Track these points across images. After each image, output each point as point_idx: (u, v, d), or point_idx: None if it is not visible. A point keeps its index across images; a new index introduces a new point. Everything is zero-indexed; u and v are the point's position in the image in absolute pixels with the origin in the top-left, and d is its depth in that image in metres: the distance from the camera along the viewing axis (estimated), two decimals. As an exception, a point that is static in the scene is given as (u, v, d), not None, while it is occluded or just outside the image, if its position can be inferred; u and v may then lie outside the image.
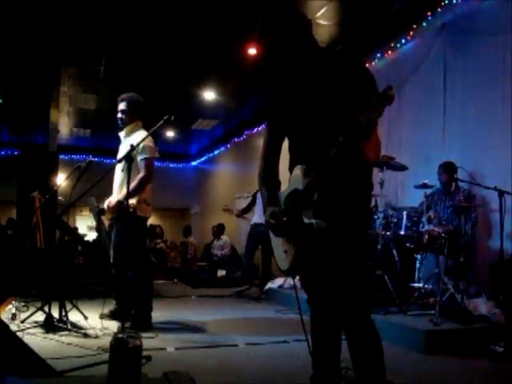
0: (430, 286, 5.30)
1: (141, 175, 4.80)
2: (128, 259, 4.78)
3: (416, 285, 5.55)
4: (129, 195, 3.98)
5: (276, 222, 2.37)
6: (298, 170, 2.33)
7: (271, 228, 2.44)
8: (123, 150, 4.96)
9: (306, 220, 2.22)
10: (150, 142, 4.95)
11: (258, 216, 7.86)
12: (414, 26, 6.84)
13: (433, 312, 4.59)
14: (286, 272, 2.46)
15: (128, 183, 3.86)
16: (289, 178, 2.45)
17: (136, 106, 5.12)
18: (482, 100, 5.87)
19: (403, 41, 7.06)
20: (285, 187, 2.49)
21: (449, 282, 4.94)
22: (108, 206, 4.95)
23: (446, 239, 4.98)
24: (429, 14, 6.55)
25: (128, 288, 4.87)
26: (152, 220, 12.70)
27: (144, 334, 4.37)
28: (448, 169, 5.63)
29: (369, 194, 2.47)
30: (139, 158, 4.84)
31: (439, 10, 6.42)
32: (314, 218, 2.20)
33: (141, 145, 4.73)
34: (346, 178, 2.25)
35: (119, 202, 4.77)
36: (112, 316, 5.11)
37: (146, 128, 4.98)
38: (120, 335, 2.20)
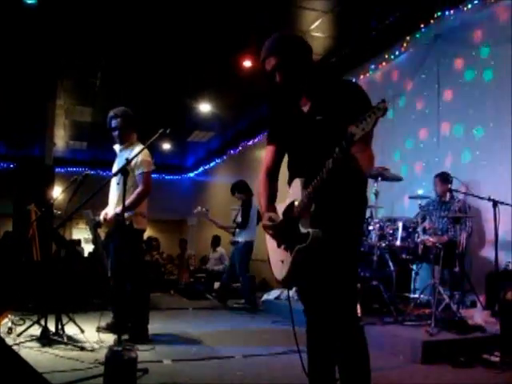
0: (426, 297, 5.31)
1: (139, 189, 4.81)
2: (125, 272, 4.78)
3: (412, 295, 5.56)
4: (125, 209, 3.99)
5: (272, 224, 2.46)
6: (297, 182, 2.41)
7: (268, 230, 2.51)
8: (119, 163, 4.97)
9: (302, 229, 2.28)
10: (146, 156, 4.96)
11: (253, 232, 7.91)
12: (408, 38, 6.91)
13: (429, 322, 4.60)
14: (282, 281, 2.50)
15: (123, 196, 3.88)
16: (288, 191, 2.53)
17: (129, 120, 5.13)
18: (475, 110, 5.91)
19: (397, 52, 7.13)
20: (281, 202, 2.56)
21: (444, 292, 4.95)
22: (105, 219, 4.96)
23: (441, 249, 4.99)
24: (422, 25, 6.63)
25: (125, 300, 4.86)
26: (148, 232, 12.70)
27: (140, 347, 4.37)
28: (443, 179, 5.67)
29: (363, 205, 2.54)
30: (137, 172, 4.85)
31: (432, 21, 6.50)
32: (311, 227, 2.25)
33: (138, 159, 4.75)
34: (342, 188, 2.32)
35: (116, 215, 4.78)
36: (109, 329, 5.10)
37: (141, 140, 5.00)
38: (115, 348, 2.20)
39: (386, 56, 7.28)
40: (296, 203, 2.39)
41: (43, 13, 6.60)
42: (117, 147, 5.14)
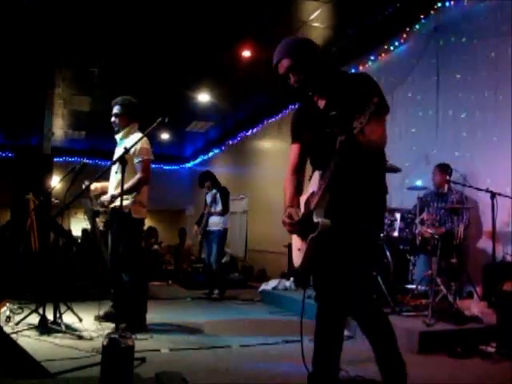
0: (423, 288, 5.33)
1: (138, 175, 4.82)
2: (123, 261, 4.78)
3: (409, 286, 5.57)
4: (123, 192, 3.99)
5: (290, 221, 2.62)
6: (316, 175, 2.59)
7: (285, 226, 2.67)
8: (118, 152, 4.96)
9: (315, 219, 2.45)
10: (146, 144, 4.96)
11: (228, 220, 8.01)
12: (407, 29, 6.89)
13: (426, 313, 4.62)
14: (299, 268, 2.65)
15: (122, 185, 3.89)
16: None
17: (130, 109, 5.11)
18: (474, 102, 5.91)
19: (396, 43, 7.11)
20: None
21: (442, 284, 4.97)
22: (102, 202, 4.95)
23: (439, 241, 5.01)
24: (422, 16, 6.60)
25: (123, 290, 4.87)
26: (146, 222, 12.70)
27: (138, 336, 4.39)
28: (443, 169, 5.67)
29: (379, 193, 2.65)
30: (135, 160, 4.85)
31: (432, 12, 6.48)
32: (325, 217, 2.42)
33: (137, 147, 4.75)
34: (356, 178, 2.50)
35: (112, 197, 4.80)
36: (107, 318, 5.11)
37: (142, 130, 4.99)
38: (112, 335, 2.21)
39: (386, 47, 7.26)
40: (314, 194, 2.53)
41: (42, 1, 6.56)
42: (118, 136, 5.13)
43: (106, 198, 4.93)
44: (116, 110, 5.07)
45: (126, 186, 4.10)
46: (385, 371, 2.64)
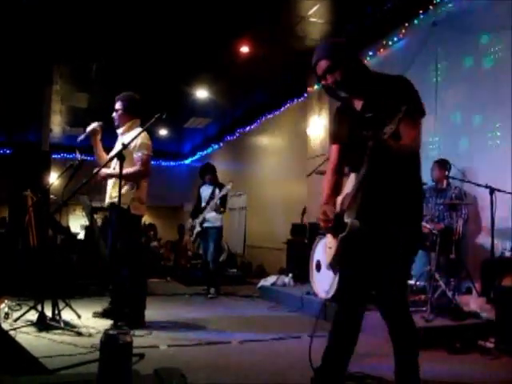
0: (422, 283, 5.33)
1: (138, 167, 4.81)
2: (122, 257, 4.77)
3: (408, 282, 5.56)
4: (122, 176, 4.00)
5: (324, 217, 2.70)
6: (352, 177, 2.67)
7: (320, 222, 2.76)
8: (118, 147, 4.95)
9: (345, 219, 2.57)
10: (146, 139, 4.95)
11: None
12: (406, 24, 6.87)
13: (424, 308, 4.62)
14: (329, 265, 2.78)
15: (120, 181, 3.89)
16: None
17: (131, 105, 5.09)
18: (473, 97, 5.90)
19: (395, 38, 7.09)
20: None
21: (440, 279, 4.97)
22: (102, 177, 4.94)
23: (438, 236, 5.01)
24: (420, 11, 6.58)
25: (122, 286, 4.87)
26: (145, 218, 12.69)
27: (137, 332, 4.40)
28: (441, 165, 5.67)
29: (414, 193, 2.70)
30: (135, 155, 4.84)
31: (431, 7, 6.46)
32: (356, 218, 2.52)
33: (138, 142, 4.75)
34: (388, 180, 2.56)
35: (108, 175, 4.83)
36: (105, 314, 5.11)
37: (143, 126, 4.96)
38: (110, 332, 2.21)
39: (384, 42, 7.25)
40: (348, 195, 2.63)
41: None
42: (118, 132, 5.13)
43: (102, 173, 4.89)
44: (117, 105, 5.07)
45: (124, 171, 4.06)
46: (399, 367, 2.69)
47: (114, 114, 5.07)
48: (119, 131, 5.10)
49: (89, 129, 4.96)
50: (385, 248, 2.59)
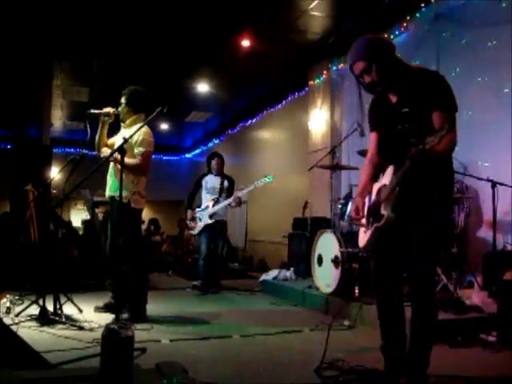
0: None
1: (137, 161, 4.80)
2: (123, 251, 4.77)
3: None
4: (124, 165, 4.01)
5: (355, 216, 2.97)
6: (390, 169, 2.81)
7: (353, 216, 3.00)
8: (119, 141, 4.95)
9: (382, 211, 2.76)
10: (148, 136, 4.95)
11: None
12: (408, 17, 6.82)
13: (426, 302, 4.61)
14: (363, 248, 3.04)
15: (121, 175, 3.89)
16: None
17: (135, 99, 5.08)
18: (475, 91, 5.87)
19: (397, 32, 7.04)
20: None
21: (442, 273, 4.96)
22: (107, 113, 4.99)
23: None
24: (422, 5, 6.53)
25: (123, 280, 4.87)
26: (147, 212, 12.69)
27: (139, 326, 4.40)
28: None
29: (446, 188, 2.87)
30: (136, 150, 4.83)
31: (432, 1, 6.41)
32: (391, 210, 2.71)
33: (140, 138, 4.75)
34: (424, 177, 2.70)
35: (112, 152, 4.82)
36: (107, 309, 5.12)
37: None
38: (112, 326, 2.21)
39: (386, 35, 7.18)
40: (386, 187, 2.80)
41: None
42: (122, 125, 5.14)
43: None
44: (121, 99, 5.09)
45: (125, 161, 4.07)
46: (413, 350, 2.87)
47: (119, 108, 5.07)
48: (123, 125, 5.11)
49: (105, 109, 4.99)
50: (417, 240, 2.76)
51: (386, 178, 2.83)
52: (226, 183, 7.39)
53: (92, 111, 4.98)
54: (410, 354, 2.86)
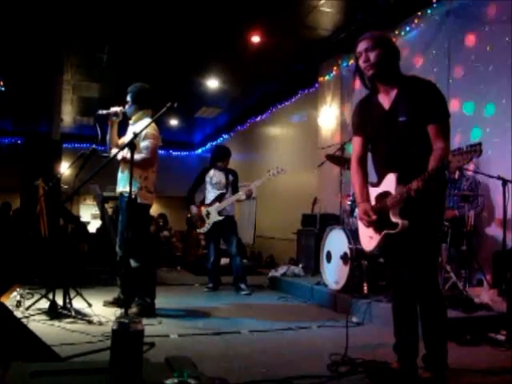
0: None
1: (143, 155, 4.83)
2: (131, 247, 4.79)
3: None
4: (133, 161, 4.05)
5: (368, 219, 2.97)
6: (392, 176, 2.87)
7: (362, 221, 3.05)
8: (128, 137, 4.98)
9: (393, 218, 2.83)
10: (154, 130, 4.97)
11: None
12: (419, 14, 6.79)
13: (435, 300, 4.60)
14: (369, 253, 3.19)
15: (131, 169, 3.90)
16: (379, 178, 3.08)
17: (141, 96, 5.12)
18: (486, 88, 5.84)
19: (408, 28, 7.02)
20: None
21: (451, 271, 4.95)
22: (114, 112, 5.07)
23: (449, 228, 4.98)
24: (434, 0, 6.51)
25: (132, 275, 4.89)
26: (156, 208, 12.72)
27: (147, 321, 4.41)
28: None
29: (443, 196, 3.11)
30: (142, 144, 4.86)
31: (444, -3, 6.38)
32: (401, 218, 2.80)
33: (145, 132, 4.76)
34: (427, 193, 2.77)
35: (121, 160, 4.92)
36: (116, 303, 5.15)
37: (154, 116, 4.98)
38: (122, 320, 2.21)
39: (397, 32, 7.17)
40: (391, 195, 2.86)
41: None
42: (130, 121, 5.17)
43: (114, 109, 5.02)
44: (127, 97, 5.13)
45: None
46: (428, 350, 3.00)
47: (126, 106, 5.10)
48: (130, 122, 5.14)
49: (113, 109, 5.05)
50: (426, 238, 2.91)
51: (388, 186, 2.90)
52: (230, 177, 7.18)
53: (100, 112, 5.03)
54: (428, 349, 2.99)
